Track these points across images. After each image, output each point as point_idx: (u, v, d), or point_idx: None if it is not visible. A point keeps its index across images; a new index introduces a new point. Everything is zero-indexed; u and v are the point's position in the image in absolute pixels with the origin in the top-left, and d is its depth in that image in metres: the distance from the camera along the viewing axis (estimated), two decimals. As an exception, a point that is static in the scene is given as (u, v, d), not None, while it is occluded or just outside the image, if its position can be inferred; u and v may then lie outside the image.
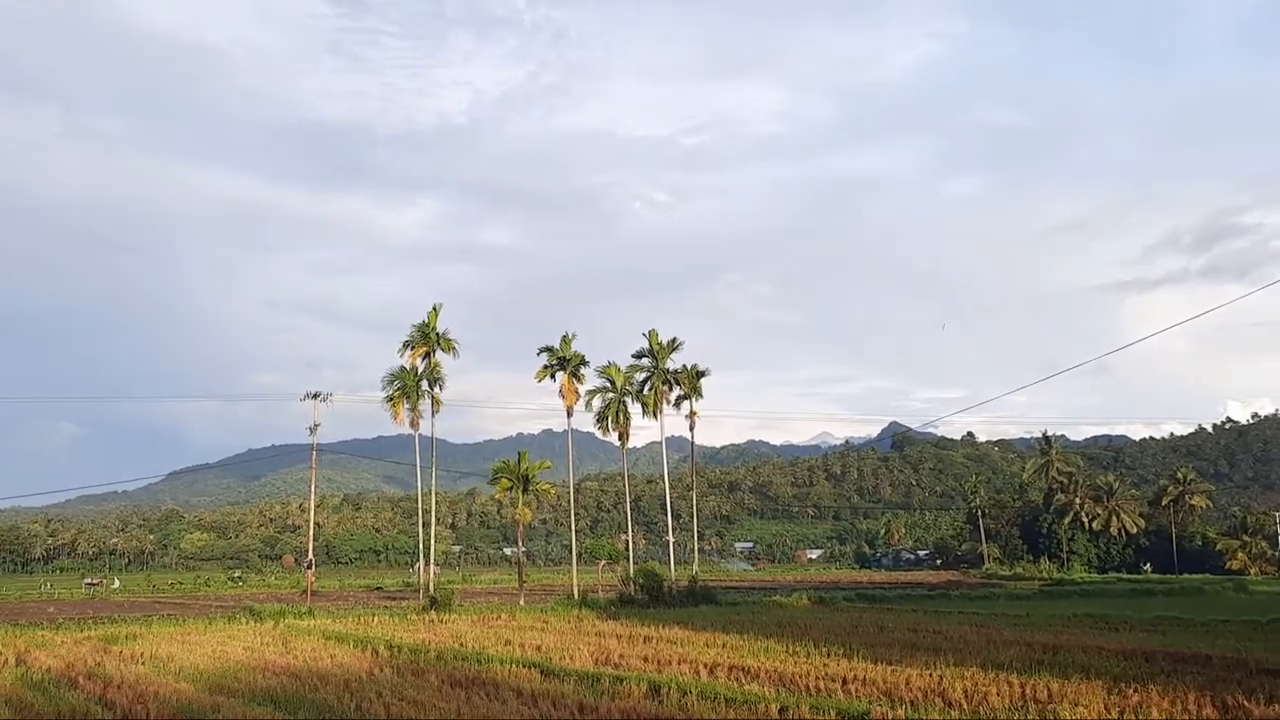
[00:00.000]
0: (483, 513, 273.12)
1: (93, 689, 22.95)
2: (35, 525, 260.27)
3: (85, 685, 23.71)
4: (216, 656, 30.02)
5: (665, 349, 71.85)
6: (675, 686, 21.24)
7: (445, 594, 60.14)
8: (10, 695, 22.24)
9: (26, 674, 26.62)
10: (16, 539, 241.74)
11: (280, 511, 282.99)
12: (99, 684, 23.53)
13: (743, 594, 70.38)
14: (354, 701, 20.15)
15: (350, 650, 31.99)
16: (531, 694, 20.95)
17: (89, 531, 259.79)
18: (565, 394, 69.82)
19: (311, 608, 58.21)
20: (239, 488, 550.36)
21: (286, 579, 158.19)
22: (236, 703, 20.34)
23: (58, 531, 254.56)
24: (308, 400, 72.67)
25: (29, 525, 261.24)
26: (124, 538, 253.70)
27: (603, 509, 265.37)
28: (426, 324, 68.04)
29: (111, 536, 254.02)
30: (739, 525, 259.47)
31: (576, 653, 28.90)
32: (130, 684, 23.21)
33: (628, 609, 53.38)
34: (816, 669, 24.34)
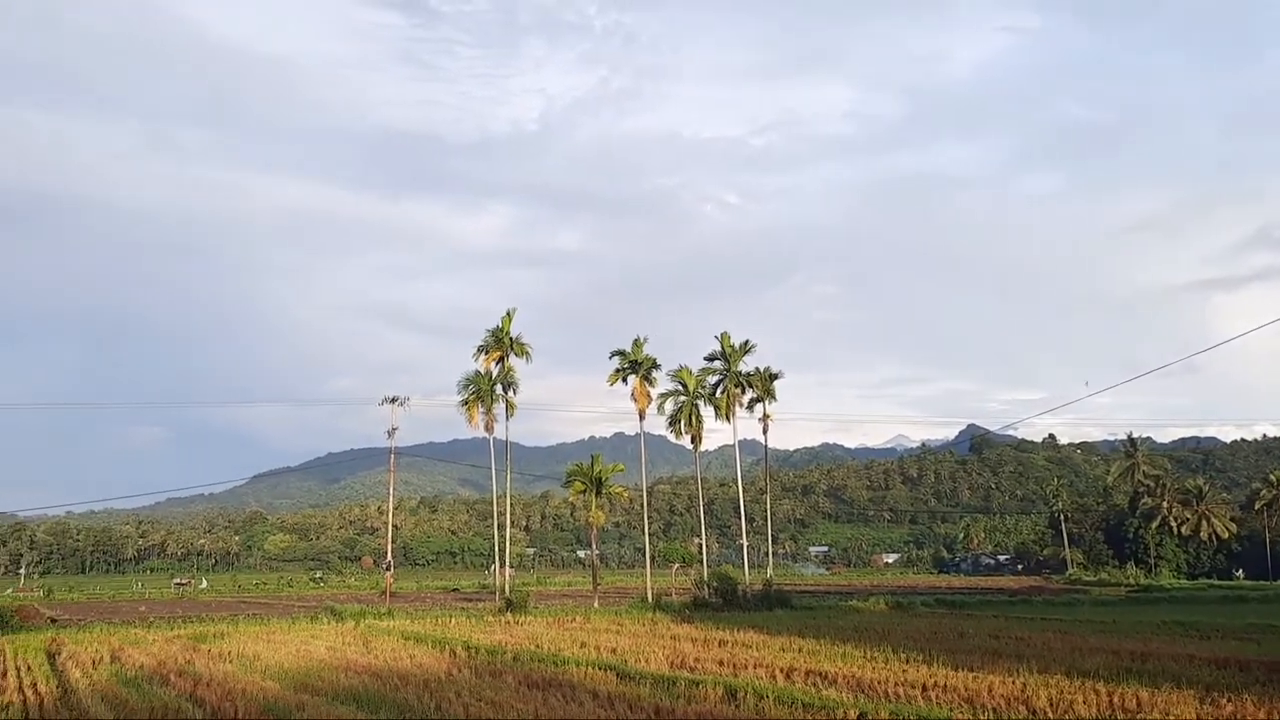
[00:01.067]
0: (556, 515, 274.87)
1: (183, 686, 23.63)
2: (126, 527, 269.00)
3: (176, 682, 24.42)
4: (300, 655, 30.69)
5: (737, 351, 71.52)
6: (751, 691, 21.13)
7: (521, 596, 60.68)
8: (106, 691, 23.00)
9: (121, 671, 27.50)
10: (109, 540, 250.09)
11: (359, 514, 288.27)
12: (189, 681, 24.23)
13: (818, 598, 69.76)
14: (434, 701, 20.42)
15: (429, 651, 32.45)
16: (608, 696, 21.02)
17: (177, 533, 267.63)
18: (637, 397, 69.89)
19: (390, 609, 59.22)
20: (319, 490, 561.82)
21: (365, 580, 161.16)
22: (320, 701, 20.75)
23: (148, 533, 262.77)
24: (385, 404, 73.92)
25: (121, 527, 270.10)
26: (210, 539, 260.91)
27: (675, 512, 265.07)
28: (500, 329, 68.68)
29: (199, 538, 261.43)
30: (813, 529, 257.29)
31: (652, 656, 28.92)
32: (219, 682, 23.86)
33: (702, 612, 53.28)
34: (895, 675, 24.00)
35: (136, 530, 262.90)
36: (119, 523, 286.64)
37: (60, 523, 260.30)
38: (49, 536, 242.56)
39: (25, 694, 23.06)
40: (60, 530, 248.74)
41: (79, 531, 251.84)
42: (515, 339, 68.59)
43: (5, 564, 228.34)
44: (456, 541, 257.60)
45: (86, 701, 21.34)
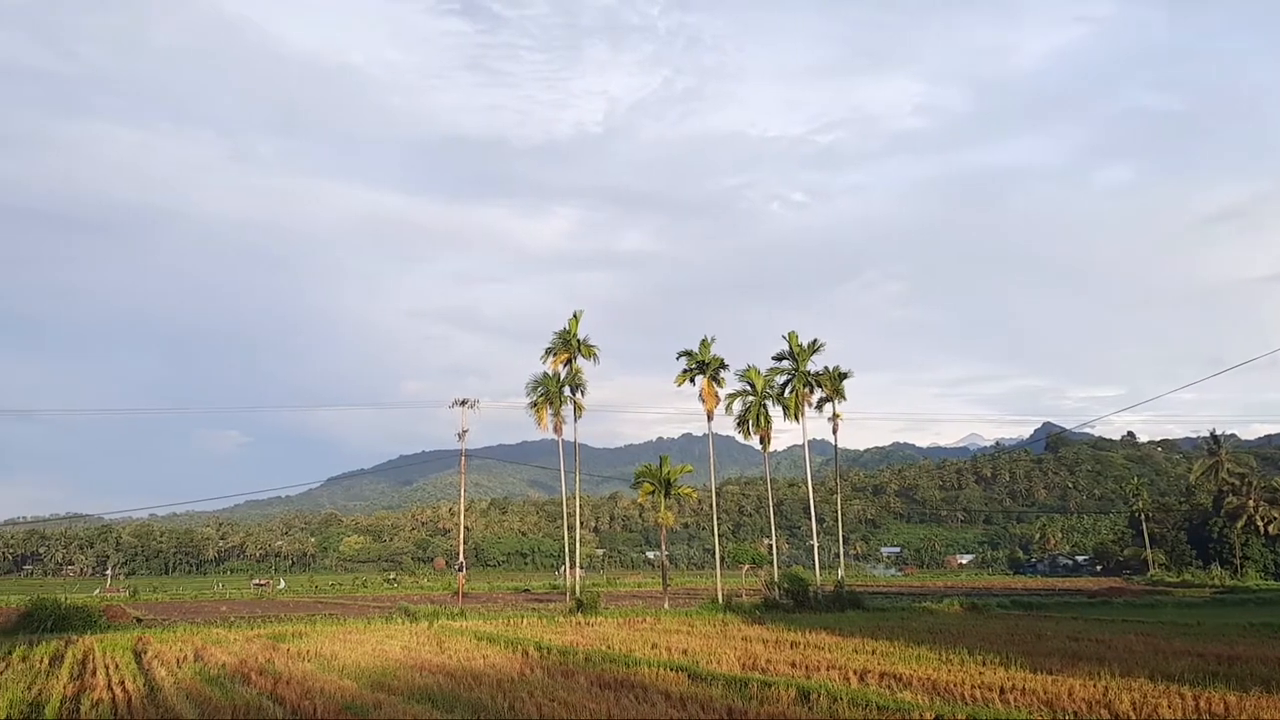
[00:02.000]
0: (625, 516, 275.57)
1: (264, 684, 24.14)
2: (207, 529, 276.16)
3: (257, 681, 24.96)
4: (376, 655, 31.16)
5: (806, 351, 70.98)
6: (825, 693, 20.93)
7: (591, 596, 60.90)
8: (190, 689, 23.60)
9: (204, 669, 28.20)
10: (191, 542, 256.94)
11: (431, 516, 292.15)
12: (269, 680, 24.75)
13: (890, 599, 68.91)
14: (507, 701, 20.57)
15: (501, 651, 32.72)
16: (680, 697, 20.98)
17: (256, 534, 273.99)
18: (705, 398, 69.73)
19: (463, 609, 59.87)
20: (392, 492, 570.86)
21: (438, 581, 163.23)
22: (396, 700, 21.03)
23: (227, 534, 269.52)
24: (456, 407, 74.87)
25: (201, 529, 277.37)
26: (288, 540, 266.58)
27: (744, 513, 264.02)
28: (567, 331, 69.06)
29: (276, 539, 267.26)
30: (885, 529, 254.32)
31: (723, 657, 28.81)
32: (298, 680, 24.34)
33: (773, 614, 52.97)
34: (972, 677, 23.59)
35: (217, 532, 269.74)
36: (200, 525, 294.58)
37: (144, 525, 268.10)
38: (134, 538, 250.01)
39: (114, 691, 23.75)
40: (144, 532, 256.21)
41: (162, 533, 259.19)
42: (582, 341, 68.89)
43: (93, 565, 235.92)
44: (526, 542, 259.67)
45: (172, 699, 21.91)
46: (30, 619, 50.39)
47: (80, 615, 52.36)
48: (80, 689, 24.25)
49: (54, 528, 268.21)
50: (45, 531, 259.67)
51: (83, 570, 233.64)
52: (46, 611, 51.17)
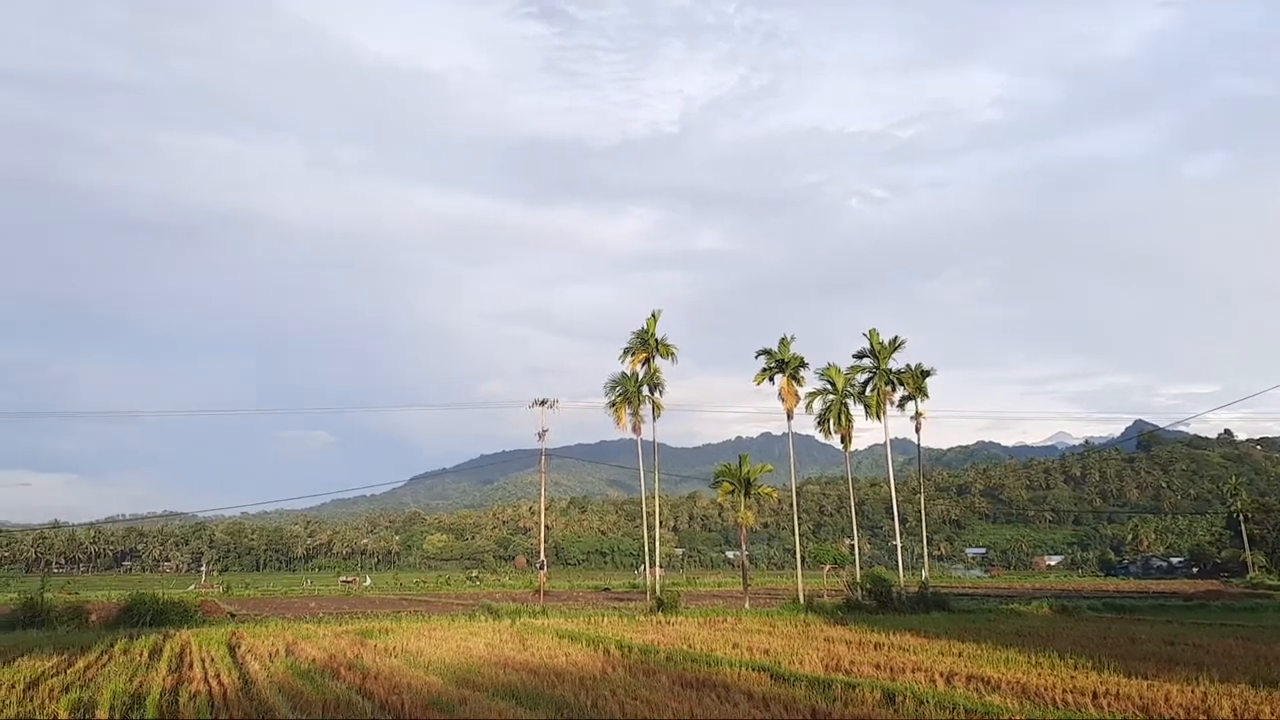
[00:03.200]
0: (704, 516, 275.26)
1: (352, 679, 24.63)
2: (296, 527, 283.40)
3: (346, 676, 25.49)
4: (460, 652, 31.57)
5: (887, 348, 70.02)
6: (911, 695, 20.60)
7: (671, 596, 60.90)
8: (282, 683, 24.19)
9: (295, 664, 28.88)
10: (281, 539, 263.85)
11: (511, 515, 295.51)
12: (358, 675, 25.24)
13: (976, 601, 67.60)
14: (590, 699, 20.66)
15: (583, 649, 32.89)
16: (763, 698, 20.85)
17: (342, 532, 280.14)
18: (785, 397, 69.20)
19: (544, 607, 60.38)
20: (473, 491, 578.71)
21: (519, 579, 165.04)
22: (481, 696, 21.27)
23: (315, 532, 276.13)
24: (535, 407, 75.49)
25: (290, 527, 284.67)
26: (373, 539, 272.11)
27: (824, 513, 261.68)
28: (645, 330, 69.11)
29: (362, 537, 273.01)
30: (969, 530, 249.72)
31: (806, 657, 28.56)
32: (385, 676, 24.78)
33: (855, 614, 52.36)
34: (1063, 681, 23.02)
35: (305, 530, 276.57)
36: (289, 523, 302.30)
37: (236, 523, 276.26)
38: (226, 536, 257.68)
39: (210, 684, 24.47)
40: (236, 530, 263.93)
41: (253, 531, 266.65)
42: (660, 340, 68.89)
43: (188, 561, 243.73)
44: (606, 541, 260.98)
45: (265, 692, 22.48)
46: (130, 613, 52.25)
47: (177, 610, 54.12)
48: (178, 681, 25.04)
49: (151, 525, 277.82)
50: (143, 529, 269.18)
51: (178, 566, 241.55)
52: (145, 606, 53.00)
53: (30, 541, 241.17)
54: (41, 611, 51.52)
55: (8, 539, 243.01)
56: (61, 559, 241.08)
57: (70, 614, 52.24)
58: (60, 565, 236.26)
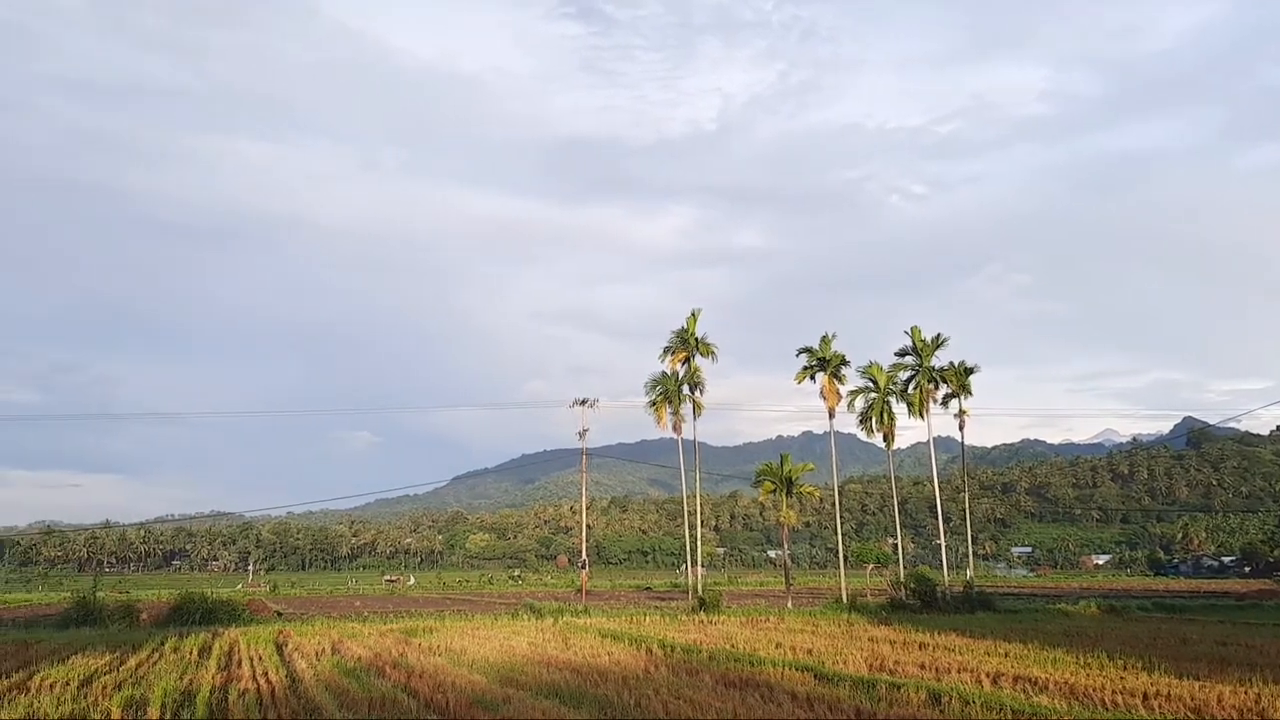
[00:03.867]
0: (745, 515, 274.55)
1: (398, 677, 24.85)
2: (340, 527, 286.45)
3: (391, 674, 25.72)
4: (504, 651, 31.73)
5: (929, 346, 69.41)
6: (956, 695, 20.41)
7: (713, 595, 60.79)
8: (329, 681, 24.46)
9: (341, 662, 29.20)
10: (326, 539, 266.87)
11: (553, 514, 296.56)
12: (403, 673, 25.46)
13: (1022, 601, 66.84)
14: (633, 698, 20.68)
15: (626, 648, 32.91)
16: (806, 698, 20.75)
17: (386, 532, 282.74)
18: (826, 395, 68.79)
19: (586, 606, 60.51)
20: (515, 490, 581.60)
21: (561, 578, 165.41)
22: (525, 695, 21.36)
23: (359, 532, 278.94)
24: (576, 406, 75.70)
25: (335, 526, 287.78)
26: (416, 538, 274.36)
27: (867, 511, 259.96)
28: (685, 329, 68.99)
29: (405, 537, 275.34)
30: (1015, 529, 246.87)
31: (849, 657, 28.38)
32: (430, 674, 24.97)
33: (899, 614, 51.96)
34: (1112, 682, 22.69)
35: (349, 530, 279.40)
36: (334, 522, 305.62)
37: (282, 523, 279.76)
38: (273, 535, 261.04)
39: (259, 682, 24.79)
40: (282, 530, 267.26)
41: (298, 531, 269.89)
42: (700, 339, 68.74)
43: (235, 561, 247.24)
44: (647, 540, 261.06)
45: (312, 690, 22.75)
46: (180, 612, 53.11)
47: (225, 609, 54.91)
48: (228, 679, 25.40)
49: (199, 525, 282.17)
50: (191, 529, 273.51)
51: (226, 566, 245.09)
52: (195, 605, 53.85)
53: (82, 541, 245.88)
54: (94, 610, 52.51)
55: (60, 539, 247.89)
56: (112, 558, 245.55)
57: (121, 612, 53.22)
58: (111, 564, 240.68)
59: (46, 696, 22.02)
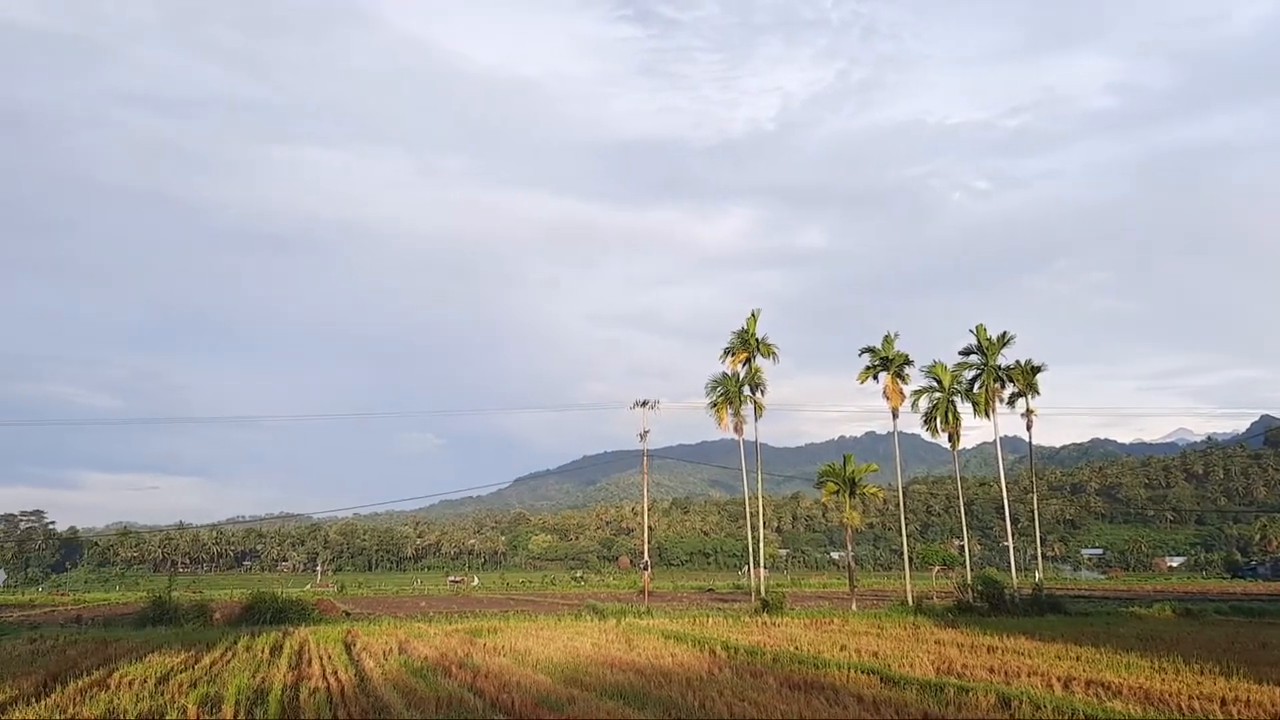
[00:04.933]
0: (808, 516, 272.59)
1: (464, 677, 25.10)
2: (406, 528, 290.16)
3: (457, 674, 25.99)
4: (567, 651, 31.89)
5: (995, 344, 68.29)
6: (1027, 700, 20.07)
7: (776, 597, 60.46)
8: (397, 681, 24.80)
9: (408, 661, 29.58)
10: (391, 540, 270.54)
11: (614, 515, 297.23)
12: (469, 673, 25.72)
13: (1094, 604, 65.44)
14: (697, 700, 20.66)
15: (689, 650, 32.89)
16: (873, 701, 20.55)
17: (450, 533, 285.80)
18: (889, 395, 68.03)
19: (649, 607, 60.53)
20: (576, 491, 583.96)
21: (623, 579, 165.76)
22: (589, 696, 21.45)
23: (424, 533, 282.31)
24: (637, 408, 75.79)
25: (400, 528, 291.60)
26: (479, 539, 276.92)
27: (932, 513, 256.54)
28: (745, 330, 68.77)
29: (469, 538, 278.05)
30: (1085, 530, 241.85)
31: (916, 660, 28.04)
32: (495, 674, 25.19)
33: (966, 617, 51.19)
34: (1189, 687, 22.13)
35: (414, 531, 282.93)
36: (399, 524, 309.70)
37: (349, 524, 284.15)
38: (340, 536, 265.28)
39: (328, 681, 25.22)
40: (349, 531, 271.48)
41: (365, 532, 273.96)
42: (761, 340, 68.47)
43: (304, 561, 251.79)
44: (709, 542, 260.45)
45: (380, 689, 23.08)
46: (251, 612, 54.26)
47: (295, 609, 55.98)
48: (299, 678, 25.89)
49: (269, 526, 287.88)
50: (262, 530, 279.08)
51: (295, 566, 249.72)
52: (266, 605, 55.00)
53: (157, 542, 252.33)
54: (169, 609, 53.91)
55: (136, 540, 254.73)
56: (186, 559, 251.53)
57: (195, 612, 54.56)
58: (185, 565, 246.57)
59: (126, 693, 22.64)
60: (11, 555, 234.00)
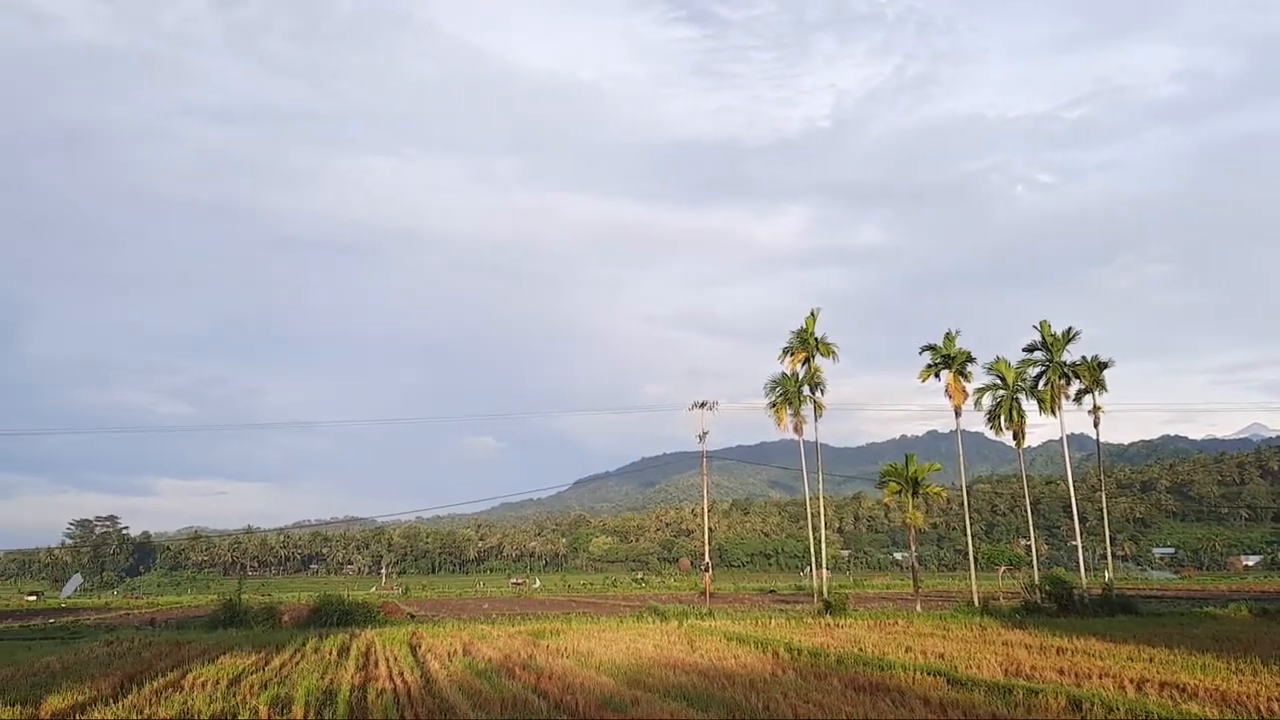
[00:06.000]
0: (869, 517, 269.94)
1: (527, 679, 25.28)
2: (467, 530, 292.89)
3: (521, 675, 26.18)
4: (630, 653, 31.96)
5: (1060, 340, 67.03)
6: (1099, 702, 19.67)
7: (839, 598, 60.01)
8: (461, 682, 25.06)
9: (472, 663, 29.87)
10: (454, 542, 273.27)
11: (674, 517, 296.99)
12: (532, 674, 25.90)
13: (1166, 604, 63.92)
14: (761, 701, 20.58)
15: (751, 651, 32.78)
16: (939, 703, 20.29)
17: (511, 536, 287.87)
18: (952, 393, 67.13)
19: (711, 609, 60.44)
20: (635, 493, 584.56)
21: (684, 581, 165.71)
22: (652, 697, 21.47)
23: (485, 536, 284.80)
24: (695, 409, 75.72)
25: (462, 530, 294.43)
26: (540, 541, 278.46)
27: (997, 512, 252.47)
28: (804, 329, 68.39)
29: (530, 540, 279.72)
30: (1155, 529, 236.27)
31: (983, 662, 27.64)
32: (559, 675, 25.33)
33: (1034, 618, 50.32)
34: (1267, 689, 21.52)
35: (476, 533, 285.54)
36: (460, 526, 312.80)
37: (412, 527, 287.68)
38: (403, 539, 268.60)
39: (395, 682, 25.59)
40: (412, 534, 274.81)
41: (427, 535, 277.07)
42: (820, 339, 68.04)
43: (368, 564, 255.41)
44: (769, 543, 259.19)
45: (446, 691, 23.34)
46: (319, 614, 55.27)
47: (361, 611, 56.89)
48: (366, 679, 26.30)
49: (334, 530, 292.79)
50: (327, 533, 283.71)
51: (360, 569, 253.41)
52: (333, 607, 55.98)
53: (226, 546, 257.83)
54: (239, 612, 55.09)
55: (207, 544, 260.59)
56: (254, 562, 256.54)
57: (264, 614, 55.69)
58: (254, 568, 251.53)
59: (199, 694, 23.17)
60: (88, 559, 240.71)
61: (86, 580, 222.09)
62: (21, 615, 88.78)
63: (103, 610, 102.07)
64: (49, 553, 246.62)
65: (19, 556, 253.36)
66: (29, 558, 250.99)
